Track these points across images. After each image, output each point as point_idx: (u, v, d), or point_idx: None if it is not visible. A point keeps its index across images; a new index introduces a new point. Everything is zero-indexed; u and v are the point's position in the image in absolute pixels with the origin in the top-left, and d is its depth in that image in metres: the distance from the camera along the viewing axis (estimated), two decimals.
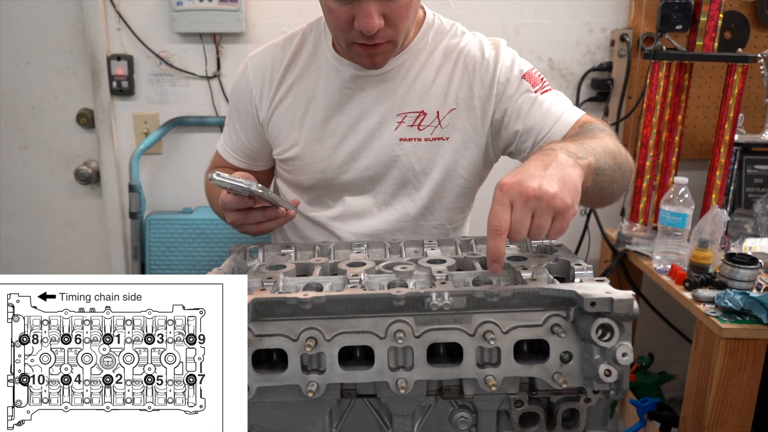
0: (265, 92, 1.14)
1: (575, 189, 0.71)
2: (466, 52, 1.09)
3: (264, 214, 0.98)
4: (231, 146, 1.22)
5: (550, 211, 0.69)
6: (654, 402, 1.71)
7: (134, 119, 1.92)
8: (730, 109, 1.64)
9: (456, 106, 1.08)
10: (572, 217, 0.71)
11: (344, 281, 0.77)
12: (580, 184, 0.73)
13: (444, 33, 1.11)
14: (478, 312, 0.69)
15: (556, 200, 0.69)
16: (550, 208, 0.69)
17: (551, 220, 0.70)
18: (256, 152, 1.21)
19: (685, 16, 1.65)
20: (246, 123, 1.18)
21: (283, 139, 1.14)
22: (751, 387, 1.29)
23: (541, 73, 1.09)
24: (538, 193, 0.68)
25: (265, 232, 1.03)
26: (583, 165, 0.76)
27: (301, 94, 1.12)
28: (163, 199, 1.97)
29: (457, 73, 1.08)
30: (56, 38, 1.88)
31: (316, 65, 1.11)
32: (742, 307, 1.25)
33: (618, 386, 0.69)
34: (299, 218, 1.20)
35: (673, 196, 1.56)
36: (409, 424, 0.74)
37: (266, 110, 1.14)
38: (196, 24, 1.80)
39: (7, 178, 1.99)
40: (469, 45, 1.10)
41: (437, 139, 1.09)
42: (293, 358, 0.69)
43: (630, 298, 0.66)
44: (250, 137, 1.19)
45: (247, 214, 0.98)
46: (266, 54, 1.15)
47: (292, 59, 1.12)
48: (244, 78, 1.16)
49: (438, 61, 1.09)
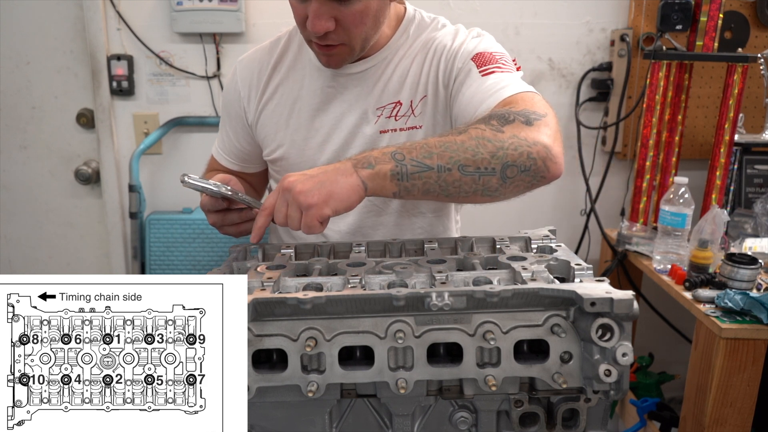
0: (252, 94, 1.15)
1: (329, 193, 0.80)
2: (438, 42, 1.08)
3: (240, 216, 1.00)
4: (224, 149, 1.24)
5: (294, 204, 0.81)
6: (654, 402, 1.71)
7: (134, 119, 1.92)
8: (730, 109, 1.64)
9: (426, 93, 1.08)
10: (318, 217, 0.80)
11: (344, 281, 0.77)
12: (344, 191, 0.80)
13: (425, 27, 1.11)
14: (478, 312, 0.69)
15: (300, 196, 0.80)
16: (295, 201, 0.81)
17: (300, 213, 0.81)
18: (248, 154, 1.22)
19: (685, 16, 1.65)
20: (236, 126, 1.19)
21: (270, 140, 1.15)
22: (751, 387, 1.29)
23: (504, 55, 1.03)
24: (289, 188, 0.81)
25: (246, 233, 1.02)
26: (366, 174, 0.81)
27: (287, 95, 1.13)
28: (163, 199, 1.97)
29: (427, 61, 1.08)
30: (56, 38, 1.88)
31: (301, 66, 1.13)
32: (742, 307, 1.25)
33: (618, 386, 0.69)
34: None
35: (673, 196, 1.56)
36: (409, 424, 0.74)
37: (254, 112, 1.15)
38: (196, 24, 1.80)
39: (7, 178, 1.99)
40: (443, 35, 1.09)
41: (412, 128, 1.09)
42: (293, 358, 0.69)
43: (630, 298, 0.66)
44: (241, 140, 1.20)
45: (225, 215, 1.00)
46: (253, 57, 1.17)
47: (278, 61, 1.14)
48: (233, 81, 1.18)
49: (415, 52, 1.09)
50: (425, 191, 0.83)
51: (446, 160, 0.82)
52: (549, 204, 2.02)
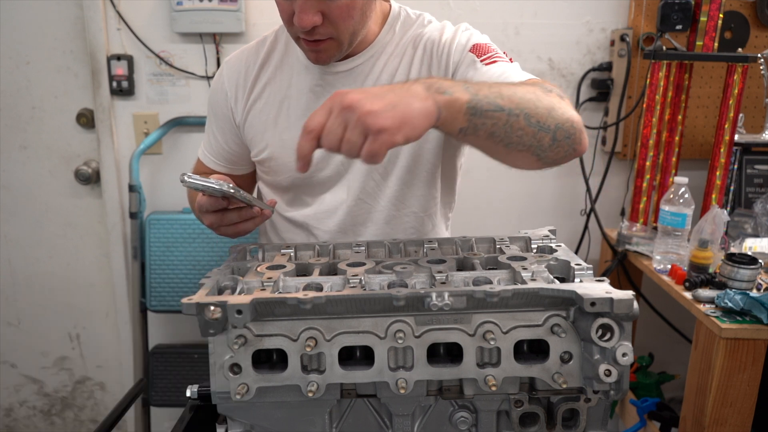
0: (239, 94, 1.15)
1: (403, 117, 0.68)
2: (427, 38, 1.08)
3: (239, 215, 0.97)
4: (211, 151, 1.22)
5: (359, 126, 0.67)
6: (654, 402, 1.71)
7: (134, 119, 1.91)
8: (730, 109, 1.64)
9: None
10: (388, 145, 0.67)
11: (344, 281, 0.77)
12: (419, 116, 0.69)
13: (410, 23, 1.12)
14: (478, 312, 0.70)
15: (368, 117, 0.66)
16: (360, 123, 0.67)
17: (363, 138, 0.67)
18: (236, 156, 1.21)
19: (685, 16, 1.65)
20: (224, 126, 1.18)
21: (258, 140, 1.15)
22: (751, 387, 1.29)
23: (497, 48, 1.04)
24: (353, 105, 0.67)
25: (243, 233, 1.01)
26: (442, 100, 0.71)
27: (275, 94, 1.13)
28: (163, 199, 1.97)
29: (417, 58, 1.08)
30: (56, 38, 1.88)
31: (288, 65, 1.12)
32: (742, 307, 1.25)
33: (618, 386, 0.69)
34: (279, 219, 1.20)
35: (673, 196, 1.56)
36: (409, 424, 0.74)
37: (241, 112, 1.15)
38: (196, 24, 1.80)
39: (7, 178, 1.99)
40: (430, 31, 1.09)
41: None
42: (293, 358, 0.69)
43: (630, 298, 0.66)
44: (229, 141, 1.19)
45: (223, 215, 0.97)
46: (240, 57, 1.17)
47: (265, 60, 1.14)
48: (220, 81, 1.17)
49: (402, 50, 1.09)
50: (490, 134, 0.77)
51: (515, 105, 0.77)
52: (549, 204, 2.02)
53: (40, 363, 2.16)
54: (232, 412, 0.74)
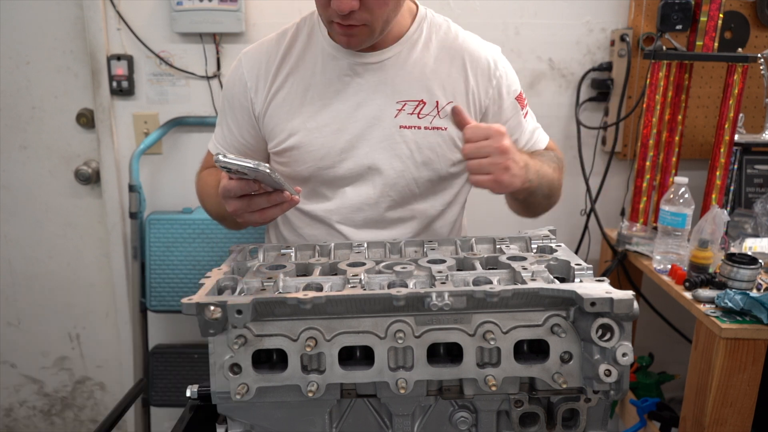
0: (260, 85, 1.15)
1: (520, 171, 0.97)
2: (465, 50, 1.15)
3: (268, 199, 0.92)
4: (224, 144, 1.22)
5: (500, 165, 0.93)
6: (654, 402, 1.71)
7: (134, 119, 1.91)
8: (730, 109, 1.64)
9: (454, 99, 1.13)
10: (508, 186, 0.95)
11: (344, 281, 0.77)
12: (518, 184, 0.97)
13: (438, 27, 1.16)
14: (478, 312, 0.70)
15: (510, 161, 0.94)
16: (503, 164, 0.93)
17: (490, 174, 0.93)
18: (250, 148, 1.21)
19: (685, 16, 1.65)
20: (240, 118, 1.18)
21: (280, 130, 1.14)
22: (751, 387, 1.29)
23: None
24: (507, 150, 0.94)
25: (269, 220, 0.96)
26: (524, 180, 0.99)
27: (298, 83, 1.13)
28: (163, 199, 1.97)
29: (455, 68, 1.13)
30: (56, 38, 1.88)
31: (312, 55, 1.13)
32: (742, 307, 1.25)
33: (618, 386, 0.69)
34: (295, 214, 1.20)
35: (673, 196, 1.56)
36: (409, 424, 0.74)
37: (262, 103, 1.15)
38: (196, 24, 1.80)
39: (7, 178, 1.99)
40: (468, 43, 1.15)
41: (436, 128, 1.12)
42: (293, 358, 0.69)
43: (630, 298, 0.66)
44: (244, 133, 1.19)
45: (250, 200, 0.92)
46: (260, 48, 1.17)
47: (287, 51, 1.14)
48: (238, 72, 1.17)
49: (435, 53, 1.14)
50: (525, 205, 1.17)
51: (544, 184, 1.09)
52: None
53: (40, 363, 2.16)
54: (232, 412, 0.74)
